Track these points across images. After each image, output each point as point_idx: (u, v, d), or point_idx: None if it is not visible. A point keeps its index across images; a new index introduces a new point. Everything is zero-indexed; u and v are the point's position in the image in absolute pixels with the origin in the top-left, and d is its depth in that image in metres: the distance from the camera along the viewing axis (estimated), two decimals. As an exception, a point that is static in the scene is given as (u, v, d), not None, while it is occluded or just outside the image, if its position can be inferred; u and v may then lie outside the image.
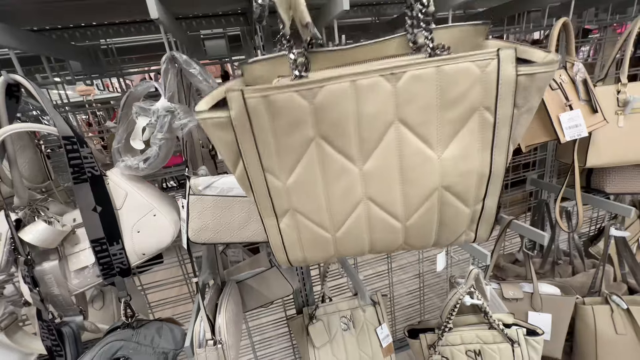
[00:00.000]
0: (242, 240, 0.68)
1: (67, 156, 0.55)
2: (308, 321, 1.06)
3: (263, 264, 0.90)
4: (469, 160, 0.40)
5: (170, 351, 0.68)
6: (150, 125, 0.59)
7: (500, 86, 0.36)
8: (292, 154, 0.40)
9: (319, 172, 0.41)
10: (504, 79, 0.36)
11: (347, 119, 0.38)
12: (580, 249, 1.22)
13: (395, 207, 0.43)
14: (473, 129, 0.39)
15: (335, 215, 0.44)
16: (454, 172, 0.41)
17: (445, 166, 0.41)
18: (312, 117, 0.37)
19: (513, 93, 0.37)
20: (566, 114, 0.76)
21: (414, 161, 0.40)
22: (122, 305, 0.65)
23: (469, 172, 0.41)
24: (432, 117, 0.38)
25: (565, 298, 1.04)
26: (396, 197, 0.43)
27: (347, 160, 0.40)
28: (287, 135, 0.38)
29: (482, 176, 0.42)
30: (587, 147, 0.92)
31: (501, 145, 0.40)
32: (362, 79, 0.36)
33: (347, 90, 0.36)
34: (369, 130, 0.38)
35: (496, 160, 0.41)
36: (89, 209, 0.58)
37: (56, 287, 0.60)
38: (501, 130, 0.39)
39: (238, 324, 0.81)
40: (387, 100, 0.37)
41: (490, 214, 0.46)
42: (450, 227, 0.46)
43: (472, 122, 0.39)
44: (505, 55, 0.36)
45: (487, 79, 0.36)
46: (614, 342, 0.99)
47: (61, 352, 0.62)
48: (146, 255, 0.64)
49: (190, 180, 0.64)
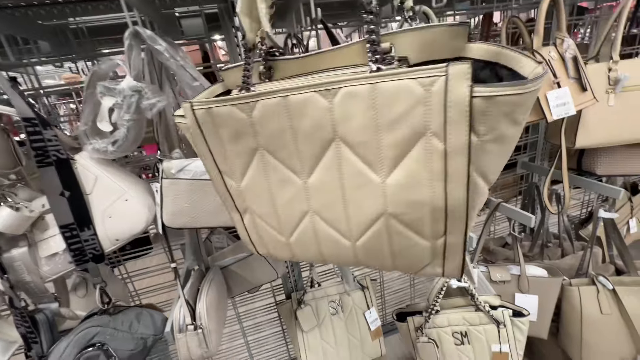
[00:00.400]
0: (219, 224, 0.66)
1: (28, 139, 0.52)
2: (296, 306, 1.06)
3: (246, 249, 0.89)
4: (418, 191, 0.34)
5: (149, 336, 0.67)
6: (117, 106, 0.56)
7: (448, 109, 0.30)
8: (241, 159, 0.42)
9: (265, 180, 0.42)
10: (453, 101, 0.29)
11: (285, 133, 0.37)
12: (569, 231, 1.22)
13: (341, 225, 0.40)
14: (419, 157, 0.33)
15: (285, 222, 0.44)
16: (401, 200, 0.36)
17: (390, 193, 0.36)
18: (252, 129, 0.38)
19: (467, 118, 0.30)
20: (554, 91, 0.73)
21: (355, 182, 0.37)
22: (97, 291, 0.64)
23: (418, 203, 0.35)
24: (372, 138, 0.34)
25: (552, 280, 1.04)
26: (341, 215, 0.39)
27: (291, 172, 0.40)
28: (233, 143, 0.40)
29: (436, 210, 0.35)
30: (577, 128, 0.90)
31: (457, 178, 0.33)
32: (294, 95, 0.35)
33: (280, 105, 0.36)
34: (309, 146, 0.37)
35: (452, 194, 0.34)
36: (56, 193, 0.56)
37: (27, 274, 0.59)
38: (454, 161, 0.32)
39: (221, 310, 0.81)
40: (323, 117, 0.35)
41: (456, 251, 0.38)
42: (408, 257, 0.40)
43: (418, 148, 0.33)
44: (455, 72, 0.29)
45: (432, 100, 0.30)
46: (599, 322, 1.00)
47: (36, 339, 0.61)
48: (120, 241, 0.62)
49: (163, 164, 0.62)
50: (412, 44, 0.36)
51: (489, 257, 1.30)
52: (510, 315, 0.97)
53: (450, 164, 0.32)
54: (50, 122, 0.57)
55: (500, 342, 0.96)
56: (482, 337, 0.98)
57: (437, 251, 0.38)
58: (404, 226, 0.37)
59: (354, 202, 0.38)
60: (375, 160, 0.35)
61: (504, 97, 0.29)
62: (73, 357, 0.60)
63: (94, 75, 0.57)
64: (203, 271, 0.86)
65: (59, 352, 0.61)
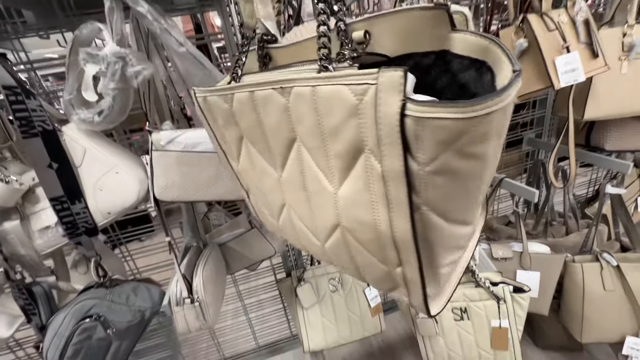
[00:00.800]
0: (212, 198, 0.65)
1: (10, 108, 0.51)
2: (296, 283, 1.07)
3: (243, 225, 0.88)
4: (363, 210, 0.30)
5: (146, 309, 0.68)
6: (101, 74, 0.54)
7: (379, 125, 0.25)
8: (234, 145, 0.43)
9: (251, 167, 0.43)
10: (383, 117, 0.24)
11: (256, 127, 0.37)
12: (575, 209, 1.19)
13: (310, 225, 0.38)
14: (362, 174, 0.29)
15: (271, 208, 0.45)
16: (350, 216, 0.32)
17: (341, 206, 0.32)
18: (234, 120, 0.39)
19: (399, 140, 0.24)
20: (562, 57, 0.69)
21: (315, 187, 0.34)
22: (92, 264, 0.64)
23: (364, 224, 0.31)
24: (321, 144, 0.30)
25: (555, 256, 1.02)
26: (309, 215, 0.38)
27: (267, 165, 0.40)
28: (226, 129, 0.42)
29: (382, 236, 0.30)
30: (586, 98, 0.86)
31: (399, 208, 0.27)
32: (259, 90, 0.33)
33: (250, 100, 0.35)
34: (276, 142, 0.36)
35: (396, 224, 0.28)
36: (44, 165, 0.55)
37: (21, 247, 0.59)
38: (393, 188, 0.27)
39: (218, 285, 0.81)
40: (282, 115, 0.32)
41: (415, 286, 0.32)
42: (372, 275, 0.36)
43: (360, 164, 0.29)
44: (386, 81, 0.23)
45: (364, 113, 0.25)
46: (602, 299, 0.98)
47: (34, 310, 0.62)
48: (112, 215, 0.62)
49: (152, 135, 0.60)
50: (391, 32, 0.30)
51: (492, 235, 1.29)
52: (511, 291, 0.96)
53: (390, 191, 0.27)
54: (35, 92, 0.55)
55: (500, 318, 0.96)
56: (481, 313, 0.97)
57: (398, 279, 0.33)
58: (359, 244, 0.34)
59: (316, 206, 0.36)
60: (326, 168, 0.32)
61: (439, 122, 0.22)
62: (71, 328, 0.61)
63: (76, 40, 0.54)
64: (201, 247, 0.86)
65: (58, 323, 0.62)
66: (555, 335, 1.21)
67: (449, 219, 0.28)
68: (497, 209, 1.46)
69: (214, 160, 0.62)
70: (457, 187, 0.26)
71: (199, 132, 0.63)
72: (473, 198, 0.27)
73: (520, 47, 0.74)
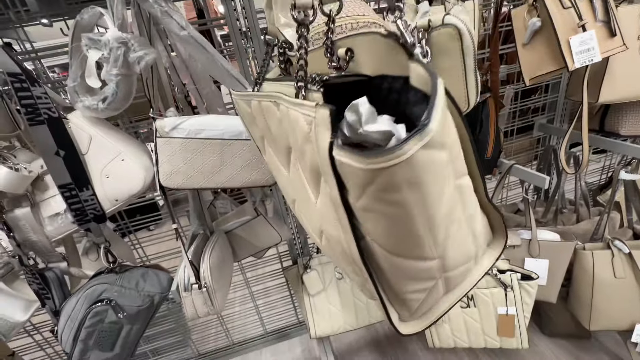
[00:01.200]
0: (216, 185, 0.65)
1: (15, 95, 0.51)
2: (302, 271, 1.08)
3: (249, 213, 0.89)
4: (331, 225, 0.31)
5: (155, 294, 0.69)
6: (103, 60, 0.53)
7: (320, 156, 0.25)
8: (258, 142, 0.47)
9: (272, 162, 0.45)
10: (321, 150, 0.25)
11: (267, 130, 0.39)
12: (586, 196, 1.16)
13: (309, 223, 0.40)
14: (325, 194, 0.29)
15: (289, 201, 0.46)
16: (325, 227, 0.33)
17: (320, 216, 0.33)
18: (254, 121, 0.42)
19: (331, 172, 0.24)
20: (578, 36, 0.66)
21: (303, 194, 0.36)
22: (102, 251, 0.65)
23: (334, 237, 0.32)
24: (301, 158, 0.32)
25: (564, 244, 1.01)
26: (307, 215, 0.39)
27: (279, 163, 0.42)
28: (251, 128, 0.47)
29: (349, 256, 0.30)
30: (602, 80, 0.82)
31: (346, 232, 0.28)
32: (264, 101, 0.36)
33: (260, 107, 0.38)
34: (280, 147, 0.38)
35: (348, 245, 0.29)
36: (51, 153, 0.55)
37: (32, 233, 0.60)
38: (339, 213, 0.27)
39: (225, 271, 0.82)
40: (280, 125, 0.34)
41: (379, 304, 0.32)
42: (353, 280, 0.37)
43: (322, 184, 0.29)
44: (319, 117, 0.24)
45: (313, 141, 0.26)
46: (612, 286, 0.97)
47: (48, 295, 0.63)
48: (119, 202, 0.62)
49: (156, 122, 0.60)
50: (368, 53, 0.31)
51: (500, 223, 1.27)
52: (519, 279, 0.95)
53: (337, 215, 0.28)
54: (39, 79, 0.55)
55: (507, 305, 0.96)
56: (488, 300, 0.97)
57: (371, 292, 0.33)
58: (337, 252, 0.34)
59: (309, 209, 0.37)
60: (308, 179, 0.33)
61: (349, 167, 0.22)
62: (84, 311, 0.63)
63: (78, 26, 0.54)
64: (207, 235, 0.87)
65: (71, 307, 0.63)
66: (562, 323, 1.20)
67: (393, 253, 0.27)
68: (505, 197, 1.44)
69: (217, 147, 0.62)
70: (390, 226, 0.25)
71: (202, 118, 0.62)
72: (416, 238, 0.26)
73: (533, 27, 0.71)
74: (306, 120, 0.26)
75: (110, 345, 0.64)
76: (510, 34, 1.06)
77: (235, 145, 0.62)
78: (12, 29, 0.75)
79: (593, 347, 1.19)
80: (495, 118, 0.94)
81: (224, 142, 0.62)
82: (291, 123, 0.30)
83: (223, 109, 0.77)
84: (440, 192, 0.24)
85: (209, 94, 0.73)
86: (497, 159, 1.00)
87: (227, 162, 0.63)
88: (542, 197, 1.36)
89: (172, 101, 0.70)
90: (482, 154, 0.96)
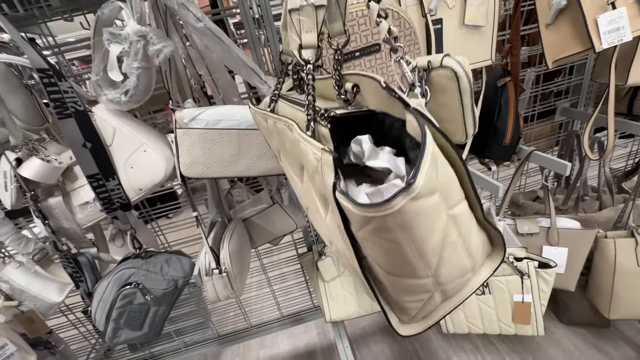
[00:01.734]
0: (234, 174, 0.67)
1: (45, 90, 0.53)
2: (317, 257, 1.10)
3: (265, 201, 0.91)
4: (339, 240, 0.33)
5: (179, 278, 0.73)
6: (124, 54, 0.55)
7: (326, 190, 0.29)
8: (276, 152, 0.50)
9: (288, 172, 0.47)
10: (327, 185, 0.28)
11: (282, 146, 0.42)
12: (610, 183, 1.12)
13: (320, 231, 0.42)
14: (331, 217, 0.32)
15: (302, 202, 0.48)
16: (335, 241, 0.35)
17: (328, 230, 0.36)
18: (271, 135, 0.46)
19: (336, 207, 0.28)
20: (606, 14, 0.63)
21: (314, 206, 0.38)
22: (129, 237, 0.69)
23: (342, 252, 0.34)
24: (312, 178, 0.35)
25: (585, 231, 0.98)
26: (317, 224, 0.41)
27: (294, 174, 0.43)
28: (269, 140, 0.50)
29: (353, 268, 0.34)
30: (631, 61, 0.78)
31: (350, 252, 0.31)
32: (279, 123, 0.39)
33: (275, 126, 0.41)
34: (295, 162, 0.40)
35: (353, 262, 0.32)
36: (79, 144, 0.58)
37: (65, 221, 0.64)
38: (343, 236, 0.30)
39: (244, 257, 0.85)
40: (294, 145, 0.37)
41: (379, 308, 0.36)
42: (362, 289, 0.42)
43: (330, 208, 0.32)
44: (325, 160, 0.28)
45: (320, 174, 0.30)
46: (634, 275, 0.95)
47: (81, 278, 0.68)
48: (143, 191, 0.65)
49: (176, 114, 0.62)
50: (371, 91, 0.33)
51: (518, 211, 1.25)
52: (536, 267, 0.94)
53: (342, 237, 0.31)
54: (65, 74, 0.58)
55: (523, 293, 0.95)
56: (503, 288, 0.97)
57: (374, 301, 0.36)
58: (345, 262, 0.37)
59: (319, 221, 0.39)
60: (318, 198, 0.36)
61: (347, 210, 0.26)
62: (114, 294, 0.67)
63: (99, 20, 0.55)
64: (226, 222, 0.90)
65: (102, 289, 0.68)
66: (580, 311, 1.19)
67: (390, 273, 0.31)
68: (524, 184, 1.41)
69: (235, 137, 0.64)
70: (386, 254, 0.28)
71: (220, 109, 0.64)
72: (409, 264, 0.28)
73: (557, 6, 0.67)
74: (314, 157, 0.30)
75: (139, 324, 0.69)
76: (532, 13, 1.01)
77: (252, 135, 0.64)
78: (36, 25, 0.78)
79: (612, 336, 1.17)
80: (515, 103, 0.91)
81: (241, 132, 0.63)
82: (302, 152, 0.33)
83: (238, 99, 0.78)
84: (431, 228, 0.27)
85: (225, 84, 0.74)
86: (516, 145, 0.97)
87: (244, 152, 0.65)
88: (563, 184, 1.32)
89: (190, 92, 0.71)
90: (501, 141, 0.93)
